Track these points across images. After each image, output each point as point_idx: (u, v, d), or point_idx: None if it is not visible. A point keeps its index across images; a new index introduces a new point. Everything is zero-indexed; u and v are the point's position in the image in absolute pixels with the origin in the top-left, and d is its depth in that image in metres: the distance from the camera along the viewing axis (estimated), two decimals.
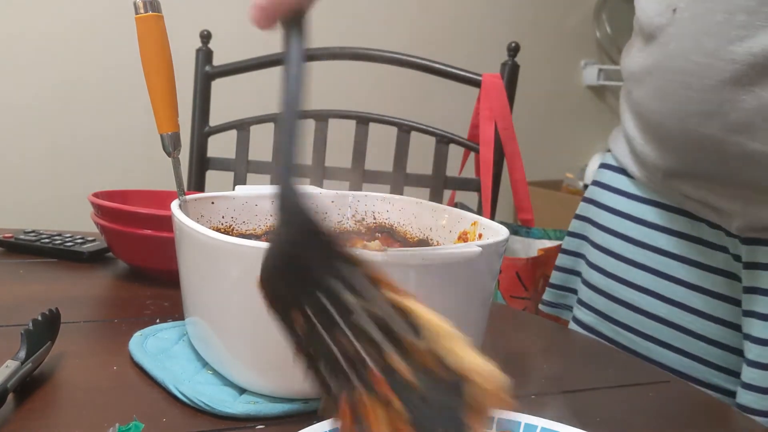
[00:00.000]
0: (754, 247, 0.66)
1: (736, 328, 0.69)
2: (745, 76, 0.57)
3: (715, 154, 0.62)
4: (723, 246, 0.69)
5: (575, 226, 0.85)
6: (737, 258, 0.68)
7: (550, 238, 1.59)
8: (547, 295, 0.88)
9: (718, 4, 0.57)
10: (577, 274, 0.84)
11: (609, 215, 0.79)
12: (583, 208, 0.84)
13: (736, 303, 0.69)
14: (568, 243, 0.86)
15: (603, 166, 0.83)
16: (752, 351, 0.65)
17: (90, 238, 0.89)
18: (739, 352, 0.70)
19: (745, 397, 0.66)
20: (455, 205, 1.22)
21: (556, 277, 0.87)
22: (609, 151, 0.83)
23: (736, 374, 0.70)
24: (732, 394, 0.70)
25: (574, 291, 0.85)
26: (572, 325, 0.83)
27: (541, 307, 0.90)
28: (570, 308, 0.86)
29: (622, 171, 0.79)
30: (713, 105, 0.59)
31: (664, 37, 0.63)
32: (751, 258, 0.66)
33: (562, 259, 0.87)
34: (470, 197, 1.35)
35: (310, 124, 1.23)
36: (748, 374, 0.66)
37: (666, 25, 0.62)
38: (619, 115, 0.79)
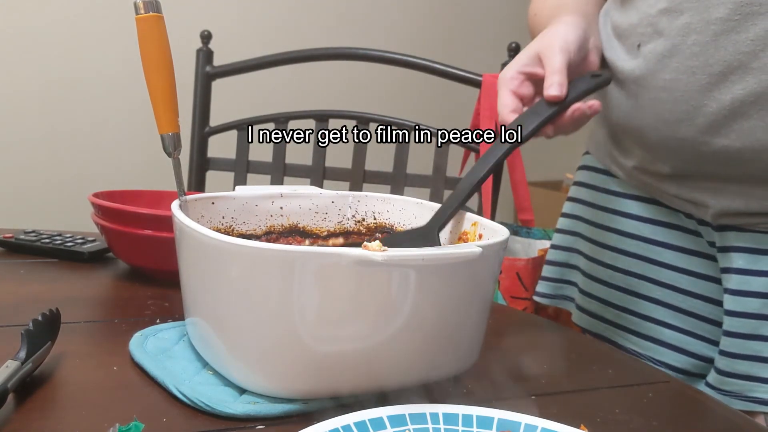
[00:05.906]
0: (726, 233, 0.73)
1: (721, 304, 0.75)
2: (707, 84, 0.65)
3: (689, 154, 0.69)
4: (698, 232, 0.76)
5: (564, 223, 0.91)
6: (711, 244, 0.75)
7: (550, 239, 1.57)
8: (542, 287, 0.93)
9: (672, 31, 0.66)
10: (572, 267, 0.90)
11: (596, 211, 0.85)
12: (569, 207, 0.91)
13: (719, 282, 0.75)
14: (559, 239, 0.92)
15: (583, 167, 0.90)
16: (725, 322, 0.73)
17: (90, 238, 0.89)
18: None
19: (720, 362, 0.73)
20: None
21: (549, 270, 0.93)
22: (587, 153, 0.89)
23: None
24: None
25: (570, 282, 0.91)
26: (576, 313, 0.89)
27: (535, 298, 0.94)
28: (568, 299, 0.91)
29: (602, 171, 0.85)
30: (682, 114, 0.67)
31: (633, 73, 0.71)
32: (724, 242, 0.73)
33: (554, 254, 0.92)
34: (470, 197, 1.34)
35: (310, 124, 1.23)
36: (723, 342, 0.73)
37: (633, 59, 0.71)
38: (600, 119, 0.85)
